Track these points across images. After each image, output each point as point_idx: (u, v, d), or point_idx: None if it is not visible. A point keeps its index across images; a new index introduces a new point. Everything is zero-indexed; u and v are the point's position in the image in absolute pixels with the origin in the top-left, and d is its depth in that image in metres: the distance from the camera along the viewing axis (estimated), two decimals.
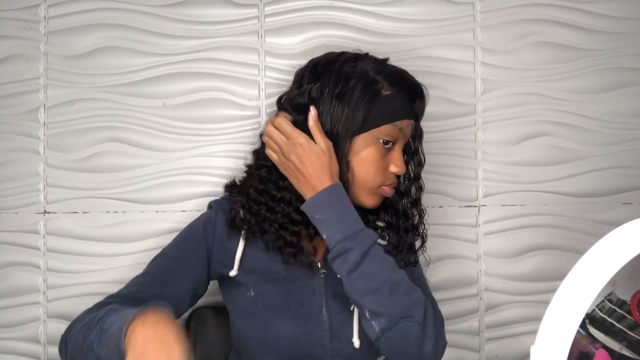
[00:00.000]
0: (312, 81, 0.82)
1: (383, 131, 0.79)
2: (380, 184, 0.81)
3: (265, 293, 0.82)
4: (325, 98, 0.79)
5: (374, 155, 0.80)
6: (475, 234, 1.10)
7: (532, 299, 1.09)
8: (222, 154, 1.09)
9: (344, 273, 0.73)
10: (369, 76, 0.80)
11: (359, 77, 0.79)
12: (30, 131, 1.09)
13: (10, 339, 1.08)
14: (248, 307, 0.82)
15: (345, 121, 0.78)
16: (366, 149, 0.80)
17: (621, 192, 1.10)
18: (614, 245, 0.45)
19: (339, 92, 0.79)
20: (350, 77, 0.80)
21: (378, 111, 0.79)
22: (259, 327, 0.80)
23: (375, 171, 0.80)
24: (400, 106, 0.80)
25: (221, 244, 0.85)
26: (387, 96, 0.80)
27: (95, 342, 0.62)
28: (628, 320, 0.48)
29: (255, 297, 0.82)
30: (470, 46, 1.11)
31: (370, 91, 0.79)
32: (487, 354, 1.09)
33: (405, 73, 0.84)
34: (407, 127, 0.82)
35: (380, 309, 0.72)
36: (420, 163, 0.88)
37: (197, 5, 1.10)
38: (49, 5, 1.09)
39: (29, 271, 1.08)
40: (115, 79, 1.09)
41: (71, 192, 1.08)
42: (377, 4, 1.10)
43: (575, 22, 1.10)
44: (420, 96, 0.85)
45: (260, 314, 0.81)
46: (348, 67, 0.81)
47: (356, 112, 0.78)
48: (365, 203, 0.83)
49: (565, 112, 1.10)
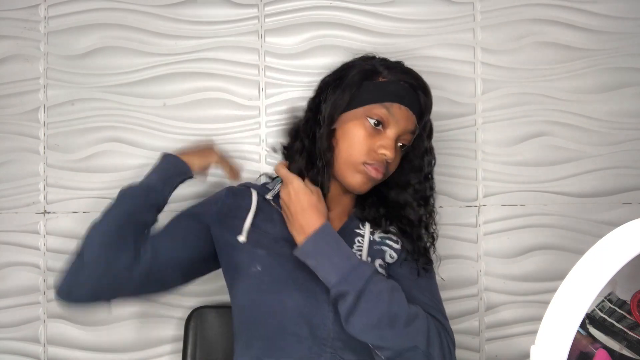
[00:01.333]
0: (330, 74, 0.88)
1: (370, 109, 0.82)
2: (363, 161, 0.83)
3: (272, 267, 0.82)
4: (330, 86, 0.85)
5: (359, 131, 0.82)
6: (475, 234, 1.10)
7: (532, 299, 1.09)
8: None
9: (344, 315, 0.75)
10: (373, 67, 0.84)
11: (362, 66, 0.84)
12: (30, 131, 1.09)
13: (10, 339, 1.08)
14: (255, 282, 0.81)
15: (335, 100, 0.83)
16: (351, 123, 0.83)
17: (621, 192, 1.10)
18: (614, 245, 0.45)
19: (339, 77, 0.85)
20: (354, 66, 0.85)
21: (368, 91, 0.83)
22: (266, 300, 0.81)
23: (359, 146, 0.82)
24: (393, 91, 0.83)
25: (226, 214, 0.87)
26: (383, 82, 0.83)
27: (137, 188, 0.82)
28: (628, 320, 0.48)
29: (262, 271, 0.82)
30: (470, 46, 1.11)
31: (364, 74, 0.83)
32: (487, 354, 1.09)
33: (411, 70, 0.86)
34: (400, 114, 0.83)
35: (382, 344, 0.73)
36: (430, 162, 0.90)
37: (197, 5, 1.10)
38: (49, 5, 1.10)
39: (29, 271, 1.08)
40: (115, 79, 1.09)
41: (71, 192, 1.08)
42: (377, 4, 1.10)
43: (575, 22, 1.10)
44: (424, 90, 0.86)
45: (267, 289, 0.81)
46: (358, 60, 0.87)
47: (346, 91, 0.83)
48: (350, 181, 0.84)
49: (565, 112, 1.10)
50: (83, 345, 1.08)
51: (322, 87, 0.89)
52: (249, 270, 0.82)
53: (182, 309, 1.08)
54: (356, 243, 0.87)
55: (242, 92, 1.10)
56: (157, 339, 1.09)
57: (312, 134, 0.86)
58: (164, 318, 1.09)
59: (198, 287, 1.07)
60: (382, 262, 0.86)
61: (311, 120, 0.87)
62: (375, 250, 0.86)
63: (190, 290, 1.08)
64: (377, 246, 0.87)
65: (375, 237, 0.88)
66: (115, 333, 1.08)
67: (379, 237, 0.88)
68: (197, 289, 1.08)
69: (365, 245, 0.86)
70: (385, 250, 0.87)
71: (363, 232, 0.88)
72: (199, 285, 1.06)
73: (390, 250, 0.88)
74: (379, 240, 0.88)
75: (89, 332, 1.08)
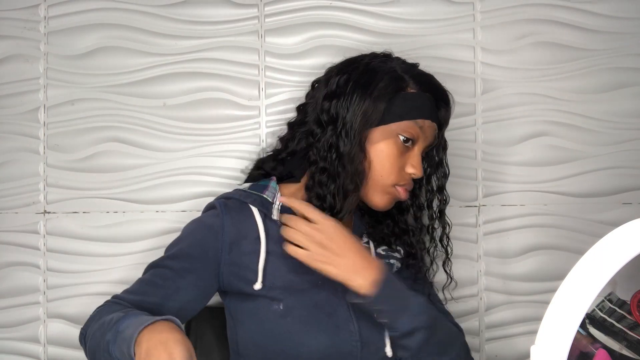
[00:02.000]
0: (340, 74, 0.82)
1: (403, 127, 0.78)
2: (394, 183, 0.79)
3: (293, 307, 0.77)
4: (349, 89, 0.79)
5: (392, 150, 0.78)
6: (475, 234, 1.10)
7: (532, 299, 1.09)
8: (222, 154, 1.09)
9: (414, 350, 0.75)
10: (396, 73, 0.80)
11: (386, 71, 0.79)
12: (30, 131, 1.09)
13: (10, 339, 1.08)
14: (275, 323, 0.76)
15: (365, 111, 0.77)
16: (384, 142, 0.78)
17: (621, 192, 1.10)
18: (614, 245, 0.45)
19: (363, 82, 0.78)
20: (377, 70, 0.80)
21: (400, 105, 0.78)
22: (289, 344, 0.75)
23: (390, 167, 0.78)
24: (423, 106, 0.79)
25: (233, 257, 0.79)
26: (412, 94, 0.79)
27: (111, 342, 0.64)
28: (628, 320, 0.48)
29: (284, 311, 0.76)
30: (470, 46, 1.11)
31: (395, 85, 0.78)
32: (487, 354, 1.09)
33: (433, 77, 0.84)
34: (429, 130, 0.81)
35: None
36: (444, 175, 0.87)
37: (197, 5, 1.10)
38: (49, 5, 1.10)
39: (29, 271, 1.08)
40: (115, 79, 1.09)
41: (71, 192, 1.08)
42: (377, 4, 1.10)
43: (575, 22, 1.10)
44: (446, 103, 0.84)
45: (290, 330, 0.76)
46: (377, 62, 0.82)
47: (378, 103, 0.77)
48: (376, 202, 0.81)
49: (565, 112, 1.10)
50: None
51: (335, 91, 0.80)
52: (268, 309, 0.77)
53: None
54: None
55: (242, 92, 1.10)
56: None
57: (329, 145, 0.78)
58: None
59: None
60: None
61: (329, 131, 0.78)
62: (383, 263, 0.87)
63: None
64: (385, 260, 0.86)
65: (380, 251, 0.88)
66: None
67: (382, 250, 0.88)
68: None
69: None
70: (393, 262, 0.87)
71: (367, 244, 0.87)
72: None
73: (396, 261, 0.88)
74: (384, 254, 0.88)
75: None
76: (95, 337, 0.69)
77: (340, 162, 0.77)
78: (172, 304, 0.77)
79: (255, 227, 0.80)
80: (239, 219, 0.80)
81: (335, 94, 0.80)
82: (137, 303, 0.75)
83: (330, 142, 0.78)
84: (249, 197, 0.82)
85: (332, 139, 0.78)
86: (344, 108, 0.78)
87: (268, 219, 0.81)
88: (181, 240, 0.82)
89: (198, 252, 0.79)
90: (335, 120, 0.78)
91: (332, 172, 0.78)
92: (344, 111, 0.78)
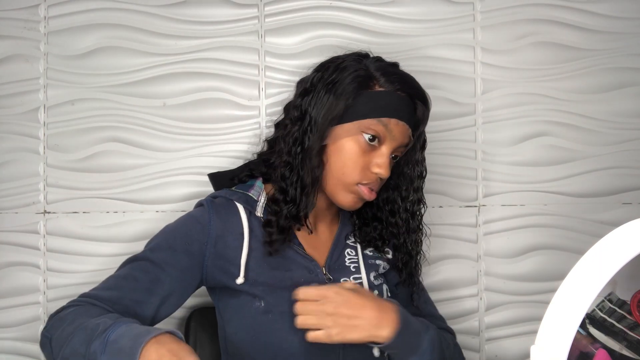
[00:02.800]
0: (315, 72, 0.82)
1: (366, 124, 0.77)
2: (357, 182, 0.78)
3: (275, 304, 0.77)
4: (319, 86, 0.79)
5: (353, 148, 0.77)
6: (475, 234, 1.10)
7: (532, 299, 1.09)
8: (222, 154, 1.09)
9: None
10: (367, 71, 0.79)
11: (355, 69, 0.79)
12: (30, 131, 1.09)
13: (10, 339, 1.08)
14: (258, 319, 0.77)
15: (328, 108, 0.77)
16: (346, 139, 0.78)
17: (621, 192, 1.10)
18: (614, 245, 0.45)
19: (330, 80, 0.79)
20: (347, 69, 0.79)
21: (363, 103, 0.77)
22: (272, 340, 0.76)
23: (353, 165, 0.77)
24: (390, 104, 0.78)
25: (218, 250, 0.79)
26: (378, 92, 0.78)
27: (99, 353, 0.62)
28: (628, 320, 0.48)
29: (265, 307, 0.77)
30: (470, 46, 1.11)
31: (360, 83, 0.78)
32: (487, 354, 1.09)
33: (409, 76, 0.82)
34: (397, 129, 0.78)
35: None
36: (421, 175, 0.85)
37: (197, 5, 1.10)
38: (49, 5, 1.09)
39: (29, 271, 1.08)
40: (115, 79, 1.09)
41: (71, 192, 1.08)
42: (377, 4, 1.10)
43: (575, 22, 1.10)
44: (422, 101, 0.82)
45: (273, 327, 0.76)
46: (350, 61, 0.81)
47: (340, 100, 0.77)
48: (341, 201, 0.80)
49: (565, 112, 1.10)
50: None
51: (308, 89, 0.81)
52: (250, 306, 0.78)
53: (182, 309, 1.08)
54: (347, 255, 0.86)
55: (242, 92, 1.10)
56: None
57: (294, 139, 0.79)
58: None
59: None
60: (376, 273, 0.87)
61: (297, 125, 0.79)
62: (370, 264, 0.87)
63: None
64: (371, 260, 0.88)
65: (367, 252, 0.88)
66: None
67: (369, 251, 0.88)
68: (198, 289, 1.08)
69: (360, 260, 0.86)
70: (379, 264, 0.88)
71: (355, 245, 0.88)
72: None
73: (383, 262, 0.88)
74: (371, 255, 0.88)
75: None
76: (71, 344, 0.66)
77: (303, 158, 0.78)
78: (152, 299, 0.75)
79: (240, 222, 0.80)
80: (226, 214, 0.81)
81: (307, 91, 0.81)
82: (114, 300, 0.73)
83: (295, 136, 0.79)
84: (235, 195, 0.83)
85: (297, 134, 0.78)
86: (311, 105, 0.79)
87: (253, 216, 0.82)
88: (164, 233, 0.82)
89: (182, 244, 0.78)
90: (303, 117, 0.79)
91: (295, 166, 0.78)
92: (311, 108, 0.79)
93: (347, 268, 0.84)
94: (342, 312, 0.70)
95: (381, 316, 0.71)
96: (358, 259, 0.86)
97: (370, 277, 0.85)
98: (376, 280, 0.85)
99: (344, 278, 0.83)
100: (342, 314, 0.70)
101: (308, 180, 0.77)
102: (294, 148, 0.78)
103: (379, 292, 0.85)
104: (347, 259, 0.85)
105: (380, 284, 0.86)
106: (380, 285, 0.86)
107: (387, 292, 0.87)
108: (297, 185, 0.78)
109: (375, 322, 0.70)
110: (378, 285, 0.85)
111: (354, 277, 0.84)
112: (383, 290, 0.86)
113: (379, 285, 0.86)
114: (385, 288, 0.87)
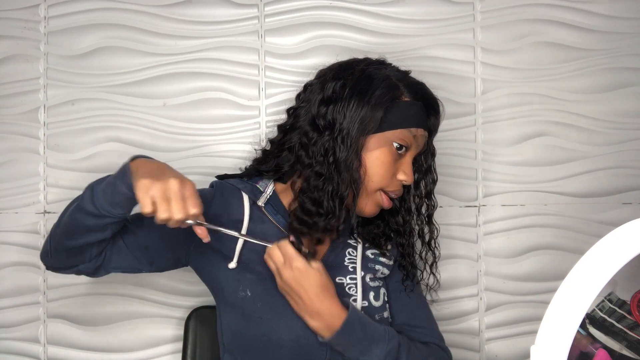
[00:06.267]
0: (336, 79, 0.81)
1: (398, 135, 0.79)
2: (379, 188, 0.80)
3: (264, 293, 0.79)
4: (346, 95, 0.79)
5: (386, 157, 0.79)
6: (475, 234, 1.10)
7: (532, 299, 1.09)
8: (222, 154, 1.09)
9: None
10: (391, 81, 0.80)
11: (382, 79, 0.80)
12: (30, 131, 1.09)
13: (10, 339, 1.08)
14: (247, 309, 0.79)
15: (362, 119, 0.77)
16: (379, 149, 0.79)
17: (621, 192, 1.10)
18: (614, 245, 0.45)
19: (360, 89, 0.78)
20: (373, 77, 0.80)
21: (396, 114, 0.79)
22: (261, 330, 0.78)
23: (384, 173, 0.80)
24: (417, 114, 0.80)
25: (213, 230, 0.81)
26: (407, 102, 0.80)
27: (86, 199, 0.70)
28: (628, 320, 0.48)
29: (253, 297, 0.79)
30: (470, 46, 1.11)
31: (391, 94, 0.79)
32: (487, 354, 1.09)
33: (424, 85, 0.84)
34: (421, 138, 0.82)
35: None
36: (433, 181, 0.88)
37: (197, 5, 1.10)
38: (49, 5, 1.10)
39: (29, 271, 1.08)
40: (115, 79, 1.09)
41: (71, 192, 1.08)
42: (377, 4, 1.10)
43: (575, 22, 1.10)
44: (436, 112, 0.85)
45: (262, 317, 0.78)
46: (372, 69, 0.82)
47: (375, 111, 0.77)
48: (362, 207, 0.82)
49: (565, 112, 1.10)
50: (83, 345, 1.08)
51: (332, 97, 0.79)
52: (236, 294, 0.79)
53: (182, 309, 1.08)
54: (347, 255, 0.87)
55: (242, 92, 1.10)
56: (157, 339, 1.09)
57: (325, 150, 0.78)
58: (164, 318, 1.09)
59: (198, 287, 1.07)
60: (373, 276, 0.87)
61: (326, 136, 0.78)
62: (368, 267, 0.87)
63: (190, 290, 1.08)
64: (370, 263, 0.88)
65: (368, 253, 0.88)
66: (115, 333, 1.08)
67: (371, 253, 0.89)
68: (197, 289, 1.08)
69: (358, 261, 0.86)
70: (378, 269, 0.88)
71: (356, 245, 0.88)
72: (198, 286, 1.06)
73: (383, 267, 0.89)
74: (371, 257, 0.88)
75: (89, 332, 1.08)
76: (59, 220, 0.75)
77: (336, 168, 0.77)
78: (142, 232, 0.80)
79: (241, 210, 0.82)
80: (228, 200, 0.83)
81: (332, 100, 0.80)
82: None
83: (326, 147, 0.78)
84: (242, 184, 0.86)
85: (328, 144, 0.78)
86: (341, 114, 0.78)
87: (255, 207, 0.84)
88: None
89: None
90: (332, 126, 0.79)
91: (328, 177, 0.78)
92: (340, 117, 0.78)
93: (345, 267, 0.85)
94: (295, 289, 0.75)
95: (318, 308, 0.75)
96: (357, 260, 0.86)
97: (366, 279, 0.85)
98: (372, 282, 0.86)
99: (339, 277, 0.84)
100: (294, 290, 0.75)
101: (346, 193, 0.78)
102: (326, 159, 0.78)
103: (375, 294, 0.85)
104: (347, 258, 0.86)
105: (377, 286, 0.86)
106: (377, 288, 0.86)
107: (384, 296, 0.87)
108: (334, 197, 0.78)
109: (309, 310, 0.75)
110: (374, 287, 0.86)
111: (350, 276, 0.85)
112: (380, 293, 0.86)
113: (375, 288, 0.86)
114: (382, 292, 0.87)
